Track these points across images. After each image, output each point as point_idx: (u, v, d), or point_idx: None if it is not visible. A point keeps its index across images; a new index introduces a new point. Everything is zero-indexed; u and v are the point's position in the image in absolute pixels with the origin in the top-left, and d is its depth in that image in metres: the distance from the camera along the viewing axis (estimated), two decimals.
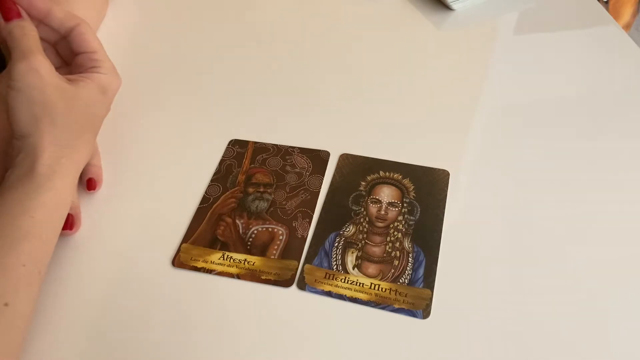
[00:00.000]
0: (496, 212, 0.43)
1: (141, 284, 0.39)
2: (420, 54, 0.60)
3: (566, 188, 0.45)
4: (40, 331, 0.37)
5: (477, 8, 0.66)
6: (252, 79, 0.57)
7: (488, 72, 0.57)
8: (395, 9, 0.66)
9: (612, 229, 0.42)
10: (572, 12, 0.65)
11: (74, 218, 0.42)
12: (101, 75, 0.42)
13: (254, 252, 0.41)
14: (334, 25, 0.64)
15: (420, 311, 0.37)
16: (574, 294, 0.38)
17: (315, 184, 0.46)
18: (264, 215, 0.44)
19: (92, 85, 0.41)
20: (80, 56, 0.43)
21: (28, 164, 0.37)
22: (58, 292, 0.39)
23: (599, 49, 0.60)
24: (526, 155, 0.48)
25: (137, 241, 0.42)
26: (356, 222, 0.43)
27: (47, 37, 0.44)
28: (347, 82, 0.56)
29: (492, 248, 0.41)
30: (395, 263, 0.40)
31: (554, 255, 0.40)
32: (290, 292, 0.39)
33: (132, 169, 0.48)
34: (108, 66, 0.44)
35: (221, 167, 0.48)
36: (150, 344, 0.36)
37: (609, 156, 0.48)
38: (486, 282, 0.39)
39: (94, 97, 0.42)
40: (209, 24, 0.65)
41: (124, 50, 0.59)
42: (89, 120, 0.42)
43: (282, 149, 0.49)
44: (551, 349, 0.35)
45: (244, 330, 0.37)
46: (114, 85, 0.44)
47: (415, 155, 0.48)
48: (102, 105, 0.43)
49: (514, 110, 0.52)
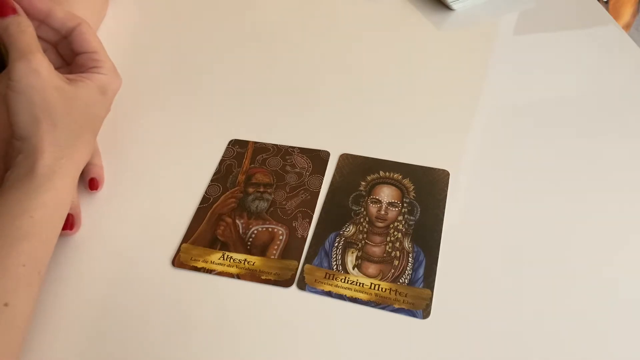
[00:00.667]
0: (496, 212, 0.43)
1: (141, 284, 0.39)
2: (420, 54, 0.60)
3: (566, 188, 0.45)
4: (40, 331, 0.37)
5: (477, 8, 0.66)
6: (252, 79, 0.57)
7: (488, 72, 0.57)
8: (395, 9, 0.66)
9: (612, 229, 0.42)
10: (572, 12, 0.65)
11: (74, 218, 0.42)
12: (101, 76, 0.42)
13: (254, 252, 0.41)
14: (334, 25, 0.64)
15: (420, 311, 0.37)
16: (574, 294, 0.38)
17: (315, 184, 0.46)
18: (264, 215, 0.44)
19: (92, 85, 0.41)
20: (80, 56, 0.43)
21: (28, 165, 0.37)
22: (58, 292, 0.39)
23: (599, 49, 0.60)
24: (526, 155, 0.48)
25: (137, 241, 0.42)
26: (356, 222, 0.43)
27: (47, 37, 0.44)
28: (347, 82, 0.56)
29: (492, 248, 0.41)
30: (395, 263, 0.40)
31: (554, 255, 0.40)
32: (290, 292, 0.39)
33: (132, 169, 0.48)
34: (109, 66, 0.43)
35: (221, 167, 0.48)
36: (150, 344, 0.36)
37: (609, 156, 0.48)
38: (486, 282, 0.39)
39: (94, 97, 0.41)
40: (209, 24, 0.65)
41: (124, 50, 0.59)
42: (88, 120, 0.41)
43: (282, 149, 0.49)
44: (551, 349, 0.35)
45: (244, 330, 0.37)
46: (114, 85, 0.44)
47: (415, 155, 0.48)
48: (102, 106, 0.43)
49: (514, 110, 0.52)
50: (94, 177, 0.45)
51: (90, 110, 0.41)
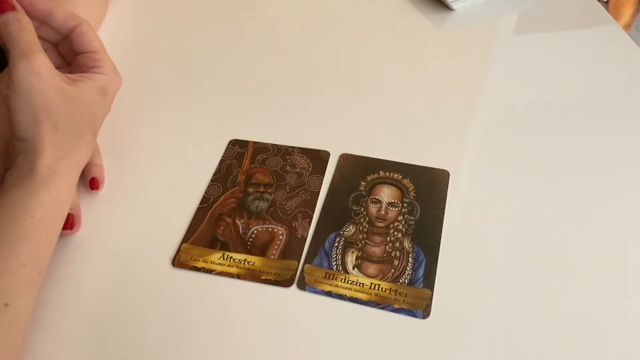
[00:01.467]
0: (496, 212, 0.43)
1: (141, 284, 0.39)
2: (420, 54, 0.60)
3: (566, 188, 0.45)
4: (41, 331, 0.37)
5: (477, 8, 0.66)
6: (252, 79, 0.57)
7: (488, 72, 0.57)
8: (395, 8, 0.66)
9: (613, 229, 0.42)
10: (572, 12, 0.65)
11: (74, 218, 0.42)
12: (102, 76, 0.42)
13: (254, 252, 0.41)
14: (333, 25, 0.64)
15: (420, 311, 0.37)
16: (574, 294, 0.38)
17: (315, 184, 0.46)
18: (264, 215, 0.44)
19: (93, 85, 0.41)
20: (81, 56, 0.43)
21: (28, 165, 0.37)
22: (58, 292, 0.39)
23: (599, 49, 0.60)
24: (526, 155, 0.48)
25: (137, 241, 0.42)
26: (356, 222, 0.43)
27: (48, 37, 0.44)
28: (347, 82, 0.56)
29: (492, 248, 0.41)
30: (395, 263, 0.40)
31: (554, 255, 0.40)
32: (290, 292, 0.39)
33: (132, 169, 0.48)
34: (109, 66, 0.43)
35: (221, 167, 0.48)
36: (150, 344, 0.36)
37: (609, 156, 0.48)
38: (486, 282, 0.39)
39: (94, 98, 0.41)
40: (209, 24, 0.65)
41: (124, 50, 0.59)
42: (89, 121, 0.41)
43: (282, 149, 0.49)
44: (551, 349, 0.35)
45: (244, 330, 0.37)
46: (114, 85, 0.44)
47: (415, 155, 0.48)
48: (103, 106, 0.43)
49: (514, 110, 0.52)
50: (94, 177, 0.45)
51: (90, 110, 0.41)
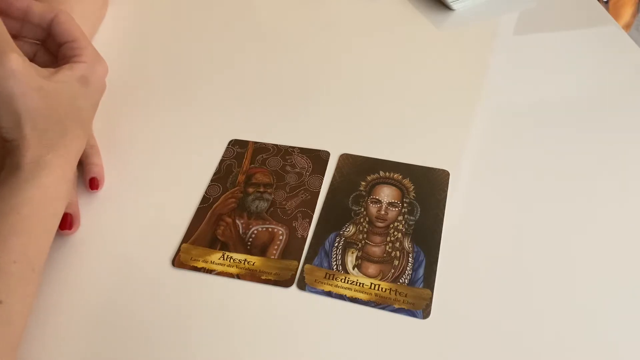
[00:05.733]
0: (496, 212, 0.43)
1: (141, 284, 0.39)
2: (420, 54, 0.60)
3: (566, 188, 0.45)
4: (40, 331, 0.37)
5: (477, 8, 0.66)
6: (252, 79, 0.57)
7: (488, 72, 0.57)
8: (395, 8, 0.66)
9: (612, 229, 0.42)
10: (572, 12, 0.65)
11: (73, 217, 0.42)
12: (81, 64, 0.41)
13: (254, 252, 0.41)
14: (334, 25, 0.64)
15: (420, 311, 0.37)
16: (574, 294, 0.38)
17: (315, 184, 0.46)
18: (264, 215, 0.44)
19: (72, 77, 0.40)
20: (63, 47, 0.42)
21: (13, 164, 0.36)
22: (58, 292, 0.39)
23: (599, 49, 0.60)
24: (526, 155, 0.48)
25: (137, 241, 0.42)
26: (356, 222, 0.43)
27: (34, 36, 0.43)
28: (347, 82, 0.56)
29: (492, 248, 0.41)
30: (395, 263, 0.40)
31: (554, 255, 0.40)
32: (290, 292, 0.39)
33: (132, 169, 0.48)
34: (88, 53, 0.42)
35: (221, 167, 0.48)
36: (150, 343, 0.36)
37: (609, 156, 0.48)
38: (486, 282, 0.39)
39: (74, 90, 0.40)
40: (209, 24, 0.65)
41: (124, 50, 0.59)
42: (74, 114, 0.40)
43: (282, 149, 0.49)
44: (551, 349, 0.35)
45: (244, 330, 0.37)
46: (97, 73, 0.42)
47: (415, 155, 0.48)
48: (86, 97, 0.41)
49: (513, 110, 0.52)
50: (94, 177, 0.45)
51: (75, 103, 0.40)
